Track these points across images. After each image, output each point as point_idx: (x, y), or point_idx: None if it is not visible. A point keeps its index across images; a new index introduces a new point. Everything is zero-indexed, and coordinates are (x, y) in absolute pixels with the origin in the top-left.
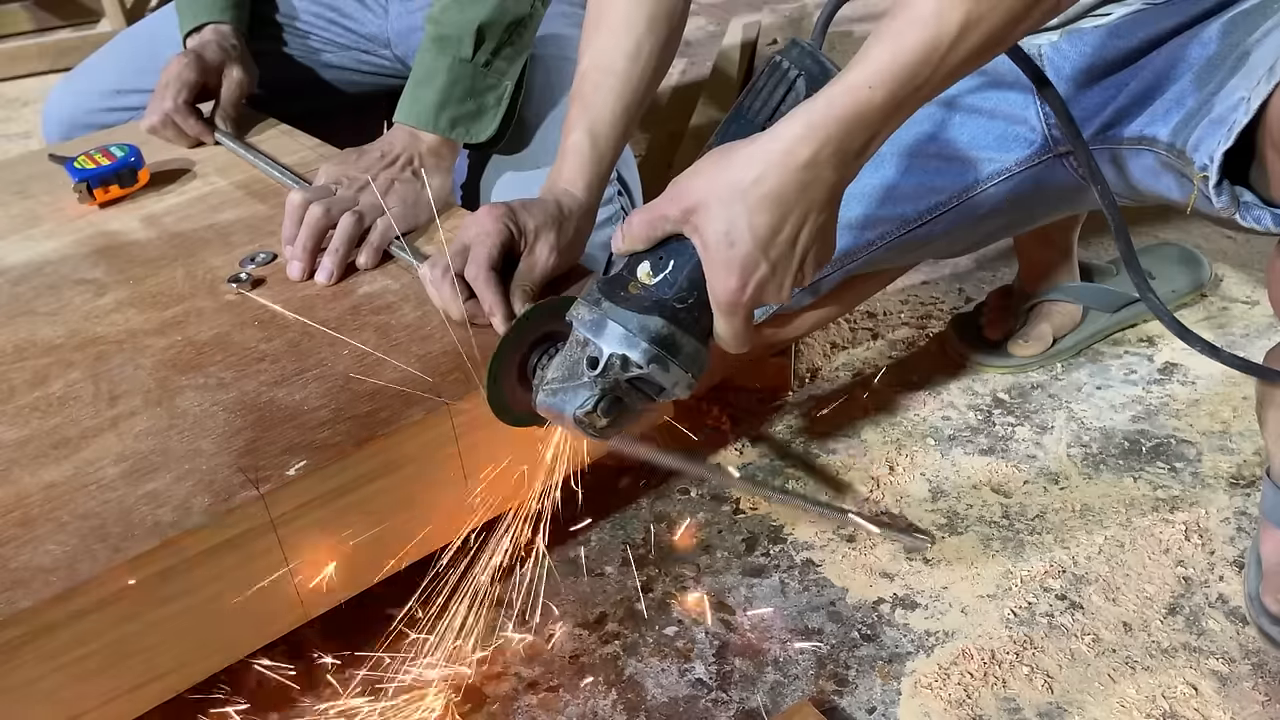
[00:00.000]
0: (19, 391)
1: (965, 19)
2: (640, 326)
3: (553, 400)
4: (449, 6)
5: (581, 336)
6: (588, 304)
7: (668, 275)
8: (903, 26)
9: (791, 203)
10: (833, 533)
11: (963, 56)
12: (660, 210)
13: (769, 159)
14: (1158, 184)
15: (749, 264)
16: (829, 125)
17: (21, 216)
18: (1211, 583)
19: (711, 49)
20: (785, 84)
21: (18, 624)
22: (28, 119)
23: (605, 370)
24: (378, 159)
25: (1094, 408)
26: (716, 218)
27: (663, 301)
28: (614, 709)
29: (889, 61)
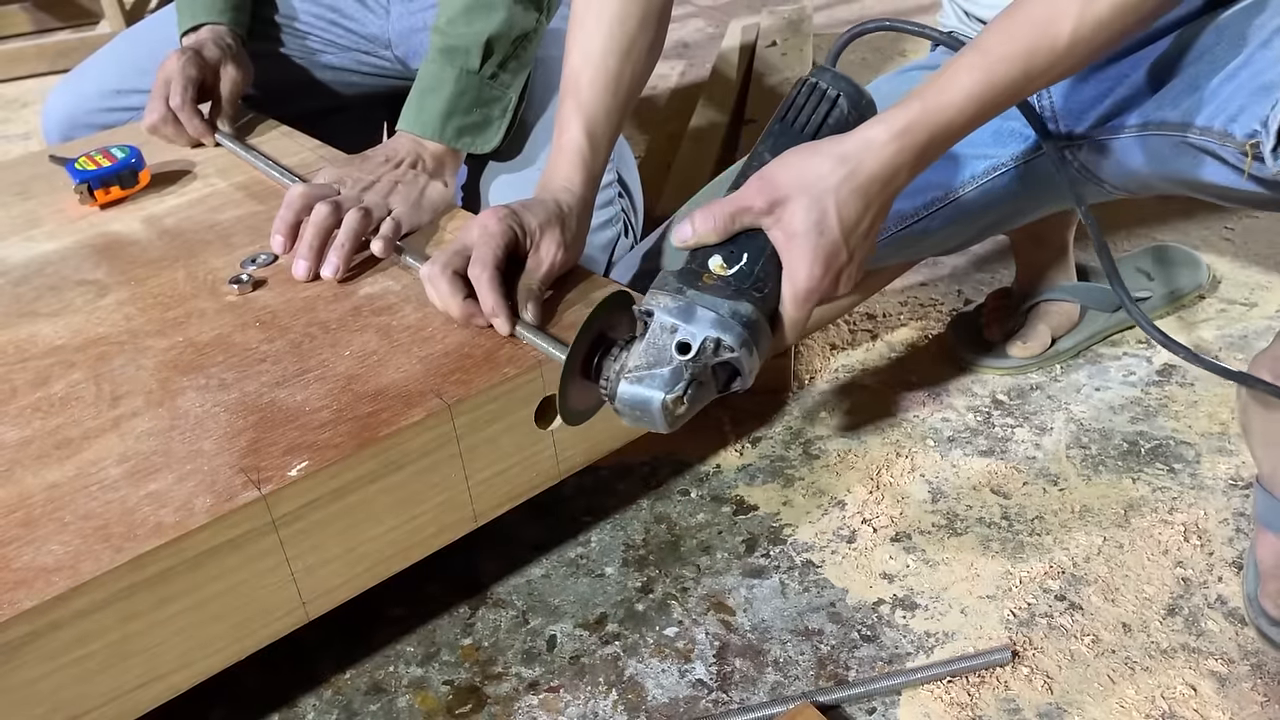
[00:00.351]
0: (21, 392)
1: (1048, 68)
2: (732, 311)
3: (638, 389)
4: (456, 19)
5: (669, 323)
6: (669, 293)
7: (743, 267)
8: (995, 63)
9: (874, 196)
10: (832, 533)
11: (1033, 91)
12: (744, 203)
13: (862, 156)
14: (1171, 167)
15: (834, 252)
16: (920, 132)
17: (22, 217)
18: (1210, 584)
19: (711, 51)
20: (827, 102)
21: (20, 624)
22: (27, 120)
23: (699, 354)
24: (381, 162)
25: (1093, 409)
26: (808, 208)
27: (744, 290)
28: (614, 709)
29: (980, 93)
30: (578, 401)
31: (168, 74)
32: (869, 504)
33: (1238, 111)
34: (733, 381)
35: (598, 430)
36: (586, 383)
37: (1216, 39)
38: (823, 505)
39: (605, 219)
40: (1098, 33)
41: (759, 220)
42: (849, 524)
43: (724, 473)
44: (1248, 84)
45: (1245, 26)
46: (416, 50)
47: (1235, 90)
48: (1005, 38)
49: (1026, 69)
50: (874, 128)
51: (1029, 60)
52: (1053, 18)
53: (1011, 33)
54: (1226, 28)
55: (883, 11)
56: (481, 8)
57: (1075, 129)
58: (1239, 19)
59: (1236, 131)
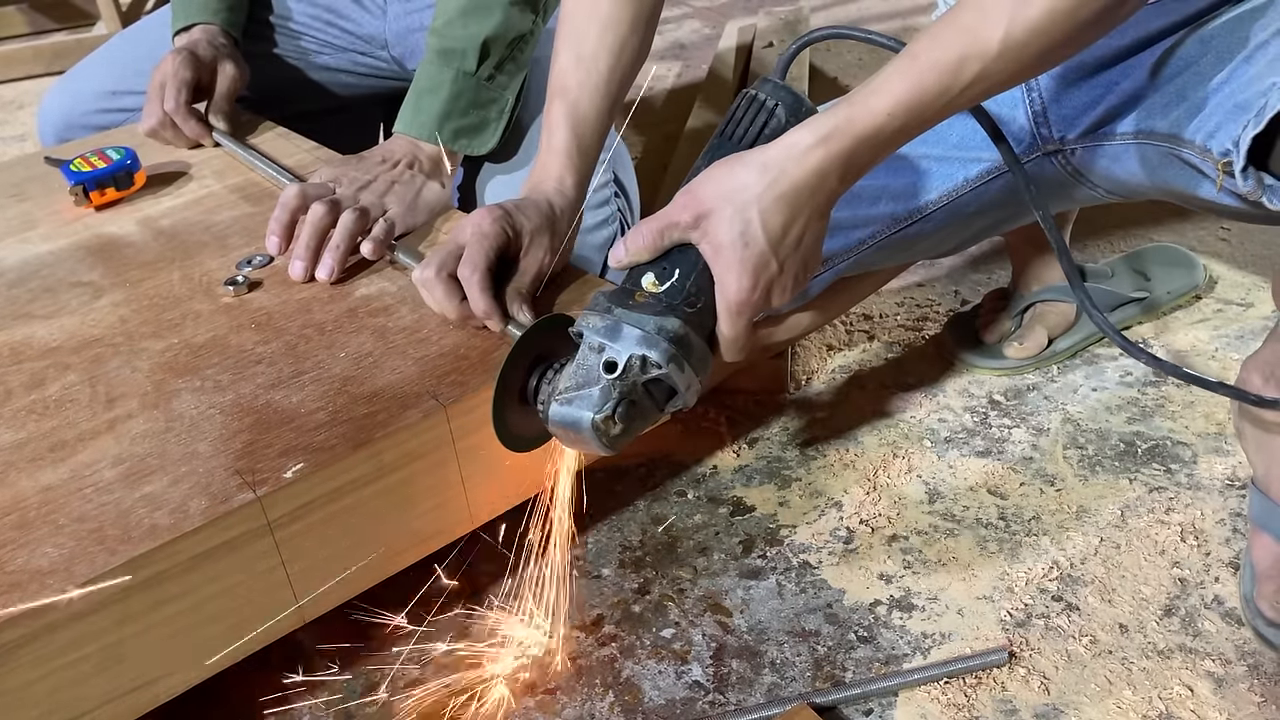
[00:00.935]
0: (15, 394)
1: (980, 74)
2: (658, 327)
3: (567, 410)
4: (453, 21)
5: (596, 343)
6: (598, 313)
7: (674, 283)
8: (925, 69)
9: (801, 204)
10: (829, 534)
11: (970, 100)
12: (670, 218)
13: (783, 163)
14: (1159, 177)
15: (761, 263)
16: (844, 139)
17: (18, 219)
18: (1207, 584)
19: (707, 52)
20: (765, 113)
21: (15, 626)
22: (23, 122)
23: (625, 373)
24: (378, 162)
25: (1089, 409)
26: (731, 219)
27: (674, 306)
28: (611, 711)
29: (908, 100)
30: (522, 427)
31: (162, 77)
32: (866, 505)
33: (1215, 128)
34: (671, 399)
35: None
36: (528, 408)
37: (1203, 50)
38: (820, 506)
39: (601, 219)
40: (1031, 38)
41: (686, 234)
42: (846, 525)
43: (721, 474)
44: (1226, 101)
45: (1230, 39)
46: (413, 50)
47: (1216, 106)
48: (936, 44)
49: (956, 76)
50: (798, 133)
51: (960, 67)
52: (983, 23)
53: (942, 39)
54: (1212, 39)
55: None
56: (478, 10)
57: (1068, 134)
58: (1225, 31)
59: (1214, 148)
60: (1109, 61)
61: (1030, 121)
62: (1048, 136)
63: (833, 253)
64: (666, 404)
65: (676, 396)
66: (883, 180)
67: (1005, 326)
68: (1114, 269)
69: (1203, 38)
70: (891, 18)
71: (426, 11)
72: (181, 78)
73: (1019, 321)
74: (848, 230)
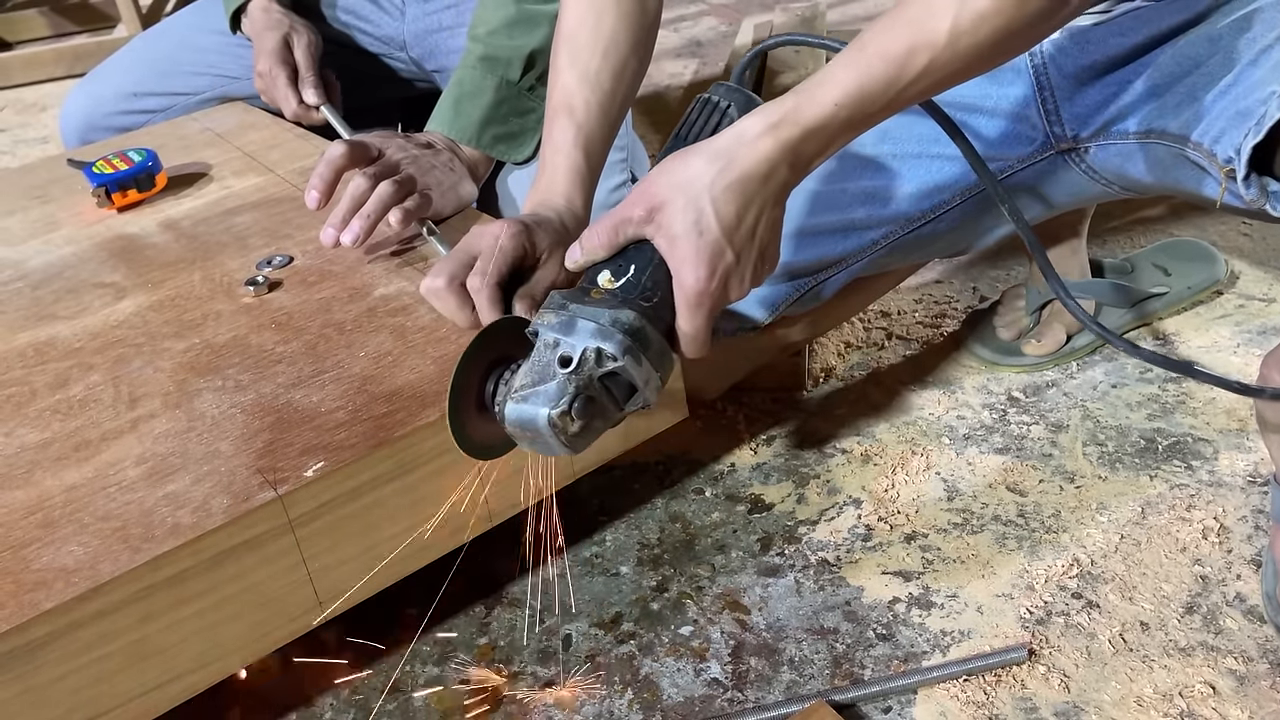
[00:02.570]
0: (40, 394)
1: (928, 65)
2: (613, 320)
3: (523, 407)
4: (498, 31)
5: (551, 339)
6: (553, 310)
7: (630, 278)
8: (872, 59)
9: (753, 192)
10: (847, 532)
11: (919, 93)
12: (623, 214)
13: (733, 151)
14: (1171, 176)
15: (716, 252)
16: (792, 129)
17: (41, 221)
18: (1229, 581)
19: (723, 49)
20: (718, 113)
21: (41, 624)
22: (45, 124)
23: (579, 366)
24: (424, 145)
25: (1109, 406)
26: (685, 209)
27: (629, 300)
28: (630, 708)
29: (855, 90)
30: (486, 434)
31: (274, 72)
32: (884, 502)
33: (1219, 134)
34: (631, 396)
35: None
36: (489, 414)
37: (1212, 50)
38: (838, 503)
39: None
40: (978, 26)
41: (641, 230)
42: (864, 522)
43: (739, 471)
44: (1229, 107)
45: (1238, 40)
46: (431, 51)
47: (1221, 111)
48: (883, 35)
49: (904, 68)
50: (747, 121)
51: (907, 58)
52: (930, 14)
53: (890, 31)
54: (1221, 39)
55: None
56: (525, 23)
57: (1081, 133)
58: (1234, 31)
59: (1219, 153)
60: (1121, 60)
61: (1043, 120)
62: (1061, 135)
63: (847, 253)
64: (626, 402)
65: (636, 394)
66: (896, 180)
67: (1023, 323)
68: (1134, 264)
69: (1211, 36)
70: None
71: (445, 13)
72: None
73: (1037, 318)
74: (862, 231)
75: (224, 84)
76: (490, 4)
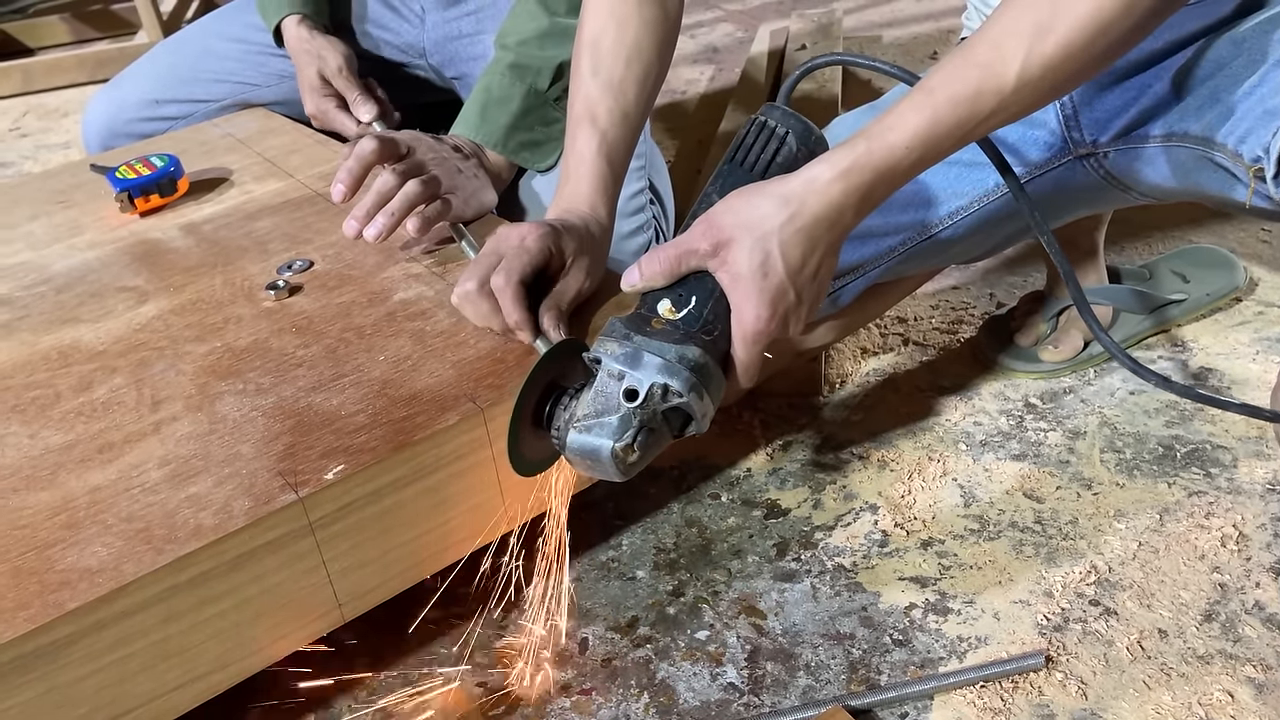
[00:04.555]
0: (64, 397)
1: (996, 107)
2: (679, 356)
3: (587, 438)
4: (528, 41)
5: (616, 370)
6: (616, 339)
7: (691, 310)
8: (941, 104)
9: (819, 237)
10: (864, 537)
11: (985, 131)
12: (689, 245)
13: (805, 198)
14: (1193, 180)
15: (780, 293)
16: (864, 173)
17: (65, 225)
18: (1248, 589)
19: (740, 56)
20: (776, 140)
21: (65, 624)
22: (67, 129)
23: (646, 401)
24: (452, 149)
25: (1127, 413)
26: (752, 250)
27: (692, 334)
28: (646, 712)
29: (925, 134)
30: (532, 451)
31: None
32: (901, 508)
33: (1246, 133)
34: (687, 426)
35: None
36: (540, 432)
37: (1235, 52)
38: (854, 509)
39: (637, 225)
40: (1045, 75)
41: (704, 262)
42: (881, 528)
43: (755, 476)
44: (1256, 106)
45: (1263, 41)
46: (451, 59)
47: (1247, 110)
48: (952, 79)
49: (973, 111)
50: (818, 167)
51: (975, 102)
52: (999, 59)
53: (958, 74)
54: (1245, 41)
55: (914, 14)
56: (556, 35)
57: (1100, 138)
58: (1258, 33)
59: (1245, 153)
60: (1142, 65)
61: (1061, 125)
62: (1079, 140)
63: (864, 260)
64: (682, 431)
65: (692, 423)
66: (912, 187)
67: (1040, 329)
68: (1152, 270)
69: (1235, 39)
70: (924, 19)
71: (464, 20)
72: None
73: (1054, 324)
74: (879, 238)
75: (244, 91)
76: (522, 15)
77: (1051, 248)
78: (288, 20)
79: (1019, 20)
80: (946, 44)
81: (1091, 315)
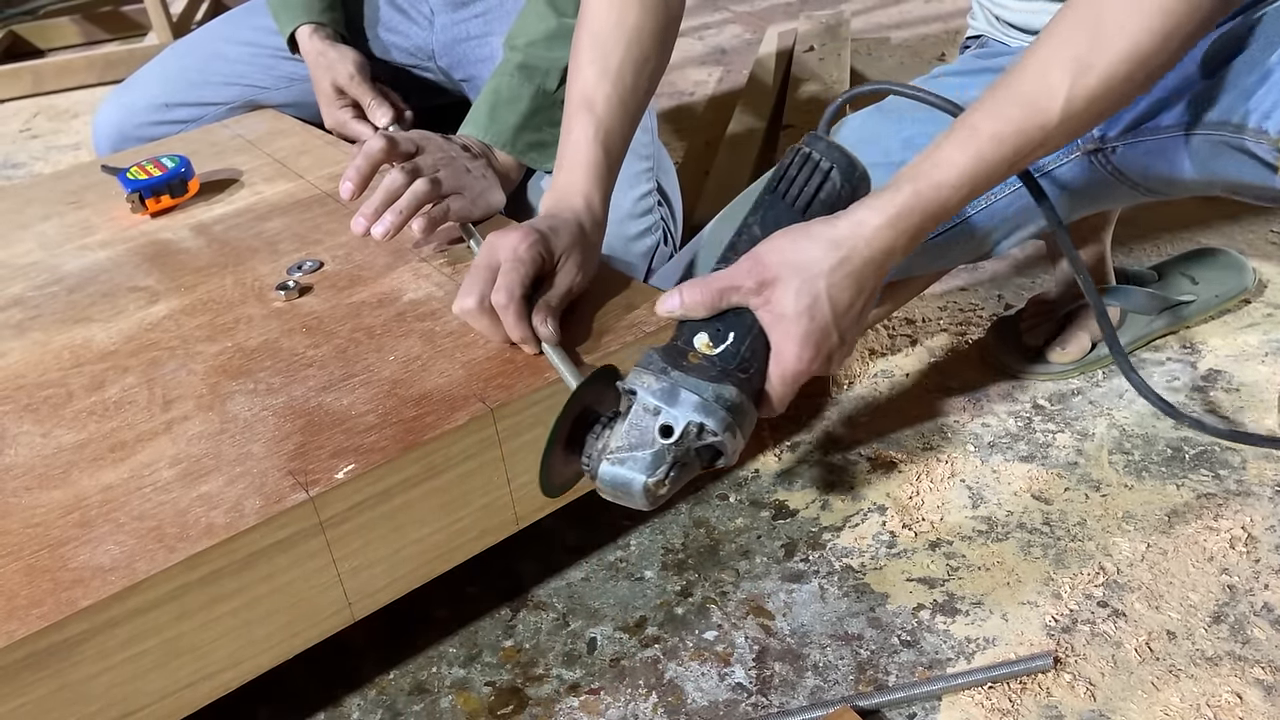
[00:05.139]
0: (77, 396)
1: (1042, 141)
2: (716, 395)
3: (620, 470)
4: (537, 42)
5: (651, 405)
6: (653, 373)
7: (729, 347)
8: (986, 142)
9: (866, 281)
10: (872, 538)
11: (1029, 161)
12: (734, 281)
13: (854, 243)
14: (1209, 169)
15: (824, 336)
16: (913, 217)
17: (76, 226)
18: (1257, 591)
19: (748, 57)
20: (820, 174)
21: (78, 621)
22: (77, 130)
23: (681, 438)
24: (461, 148)
25: (1135, 414)
26: (799, 292)
27: (729, 371)
28: (654, 712)
29: (971, 172)
30: (559, 475)
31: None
32: (909, 509)
33: (1271, 108)
34: (716, 460)
35: None
36: (570, 455)
37: (1251, 36)
38: (862, 510)
39: (645, 227)
40: (1090, 107)
41: (747, 299)
42: (889, 529)
43: (763, 477)
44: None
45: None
46: (460, 61)
47: (1271, 86)
48: (996, 117)
49: (1017, 147)
50: (866, 212)
51: (1020, 139)
52: (1044, 93)
53: (1002, 112)
54: (1260, 23)
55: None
56: (565, 36)
57: (1109, 132)
58: (1274, 16)
59: (1270, 128)
60: None
61: None
62: (1087, 135)
63: None
64: (711, 463)
65: (722, 458)
66: None
67: (1048, 331)
68: (1161, 272)
69: (1249, 22)
70: (932, 21)
71: (474, 22)
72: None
73: (1062, 326)
74: None
75: (254, 93)
76: (531, 16)
77: (1067, 248)
78: (301, 30)
79: (1059, 53)
80: (954, 45)
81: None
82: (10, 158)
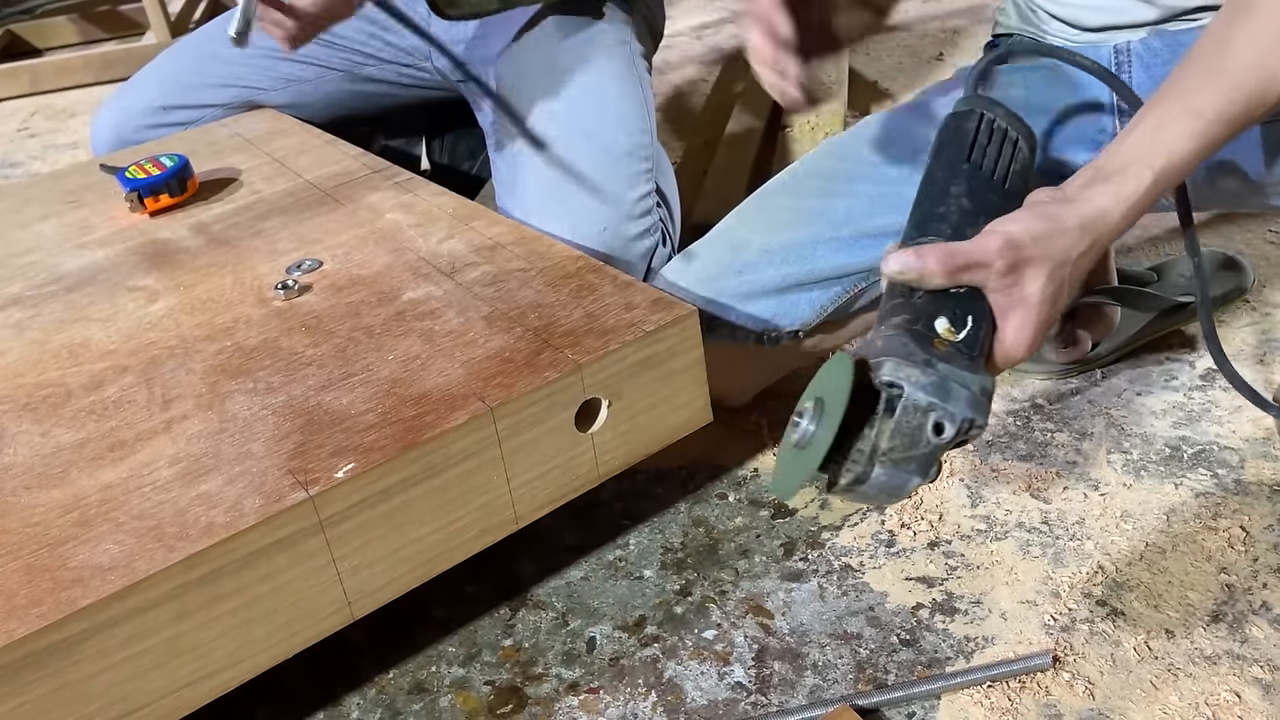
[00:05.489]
0: (75, 395)
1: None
2: (982, 388)
3: (894, 473)
4: None
5: (924, 402)
6: (916, 366)
7: (970, 332)
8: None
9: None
10: (871, 538)
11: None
12: (983, 259)
13: (1100, 231)
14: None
15: (1051, 321)
16: (1144, 201)
17: (75, 225)
18: (1255, 590)
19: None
20: (1010, 145)
21: (78, 620)
22: (75, 130)
23: (955, 436)
24: None
25: (1134, 414)
26: (1049, 278)
27: (975, 359)
28: (654, 711)
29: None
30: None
31: None
32: (907, 508)
33: None
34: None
35: (637, 434)
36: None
37: None
38: (861, 509)
39: (644, 228)
40: None
41: (990, 280)
42: (888, 528)
43: (762, 477)
44: None
45: None
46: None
47: None
48: (1221, 99)
49: (1235, 131)
50: (1105, 198)
51: (1244, 121)
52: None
53: (1229, 95)
54: None
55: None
56: None
57: None
58: None
59: None
60: None
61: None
62: None
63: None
64: None
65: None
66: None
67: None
68: (1160, 271)
69: None
70: (930, 20)
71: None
72: None
73: (1061, 324)
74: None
75: (251, 95)
76: None
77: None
78: None
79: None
80: (952, 44)
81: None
82: (8, 157)
